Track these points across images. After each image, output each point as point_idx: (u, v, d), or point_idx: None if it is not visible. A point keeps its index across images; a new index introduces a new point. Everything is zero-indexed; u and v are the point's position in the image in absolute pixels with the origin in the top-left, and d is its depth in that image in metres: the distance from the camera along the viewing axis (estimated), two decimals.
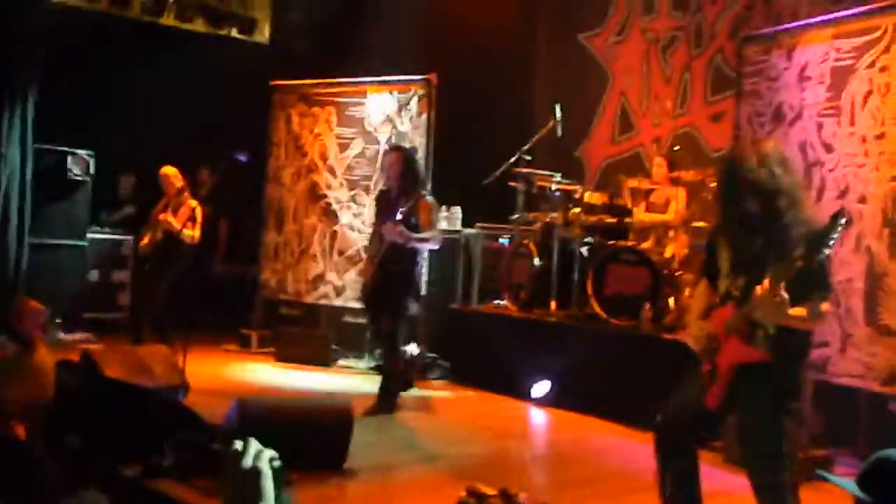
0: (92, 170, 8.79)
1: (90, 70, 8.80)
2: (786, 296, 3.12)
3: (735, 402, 3.43)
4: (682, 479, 3.63)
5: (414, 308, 6.35)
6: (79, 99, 8.70)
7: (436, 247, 6.40)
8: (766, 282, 3.13)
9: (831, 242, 3.06)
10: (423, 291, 6.48)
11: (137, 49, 9.17)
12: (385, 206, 6.21)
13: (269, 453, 1.69)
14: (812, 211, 3.40)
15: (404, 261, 6.08)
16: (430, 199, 6.25)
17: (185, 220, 7.13)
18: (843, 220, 3.06)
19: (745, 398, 3.41)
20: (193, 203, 7.25)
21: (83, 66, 8.74)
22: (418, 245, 6.12)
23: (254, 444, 1.70)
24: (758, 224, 3.31)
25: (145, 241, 7.57)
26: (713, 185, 6.75)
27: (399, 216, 5.91)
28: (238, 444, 1.68)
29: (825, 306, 3.28)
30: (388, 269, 6.05)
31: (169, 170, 7.60)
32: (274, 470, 1.68)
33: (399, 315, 6.14)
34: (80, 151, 8.70)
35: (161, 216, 7.35)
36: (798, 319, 3.23)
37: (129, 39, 9.17)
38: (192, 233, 7.24)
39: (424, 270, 6.41)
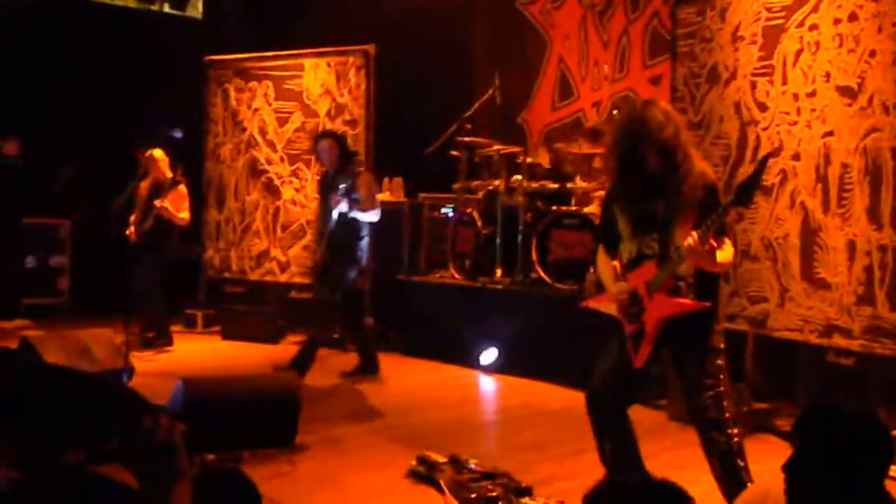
0: (24, 153, 8.60)
1: (17, 51, 8.55)
2: (714, 244, 3.26)
3: (661, 356, 3.54)
4: (621, 443, 3.70)
5: (353, 278, 6.47)
6: (6, 82, 8.45)
7: (376, 218, 6.52)
8: (695, 234, 3.24)
9: (754, 192, 3.25)
10: (365, 264, 6.55)
11: (67, 28, 8.94)
12: (327, 187, 6.46)
13: (181, 427, 1.67)
14: (703, 163, 3.54)
15: (350, 236, 6.32)
16: (368, 173, 6.57)
17: (179, 204, 7.41)
18: (763, 169, 3.26)
19: (678, 349, 3.52)
20: (184, 190, 7.47)
21: (9, 48, 8.49)
22: (361, 215, 6.30)
23: (165, 420, 1.67)
24: (659, 181, 3.43)
25: (132, 229, 7.50)
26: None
27: (341, 190, 6.17)
28: (148, 421, 1.64)
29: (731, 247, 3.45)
30: (336, 245, 6.29)
31: (159, 153, 7.53)
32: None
33: (338, 286, 6.38)
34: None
35: (157, 203, 7.32)
36: (724, 264, 3.40)
37: (58, 19, 8.92)
38: (185, 215, 7.55)
39: (366, 244, 6.49)
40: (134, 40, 9.12)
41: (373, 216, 6.43)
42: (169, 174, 7.57)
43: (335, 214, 6.25)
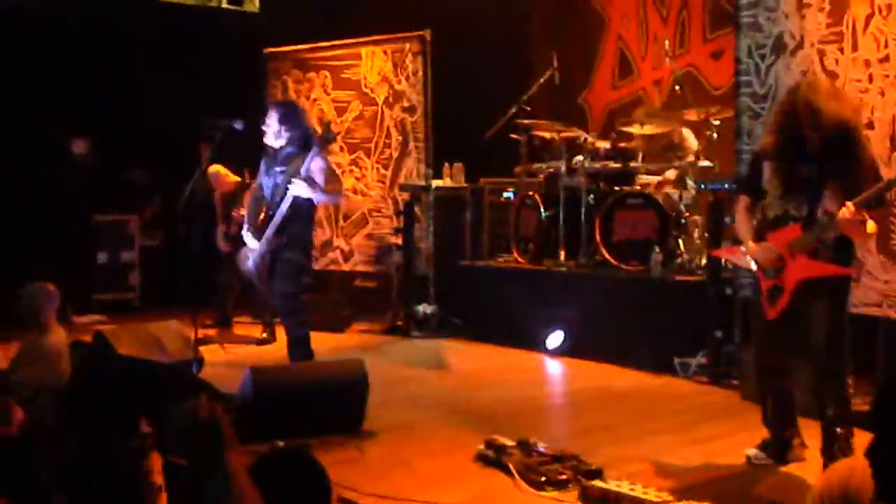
0: (92, 152, 8.79)
1: (82, 53, 8.72)
2: (867, 216, 3.55)
3: (795, 313, 3.81)
4: (782, 403, 4.09)
5: (307, 265, 5.84)
6: (72, 84, 8.63)
7: (341, 200, 6.30)
8: (851, 205, 3.50)
9: None
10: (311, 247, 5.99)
11: (128, 26, 9.08)
12: (276, 163, 5.60)
13: (220, 404, 1.69)
14: (867, 139, 3.98)
15: (300, 221, 5.54)
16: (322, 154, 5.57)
17: None
18: None
19: (812, 310, 3.76)
20: None
21: (74, 50, 8.67)
22: (326, 199, 5.69)
23: (205, 399, 1.69)
24: (817, 149, 3.68)
25: (224, 243, 7.76)
26: (715, 121, 6.69)
27: (304, 172, 5.35)
28: (190, 398, 1.66)
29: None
30: (288, 230, 5.46)
31: (216, 168, 7.70)
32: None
33: (297, 276, 5.61)
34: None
35: (237, 213, 7.50)
36: (871, 235, 3.73)
37: (119, 17, 9.08)
38: None
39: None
40: (194, 36, 9.24)
41: (339, 199, 6.04)
42: (235, 179, 7.73)
43: (288, 198, 5.37)
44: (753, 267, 3.98)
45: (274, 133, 5.56)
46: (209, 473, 1.63)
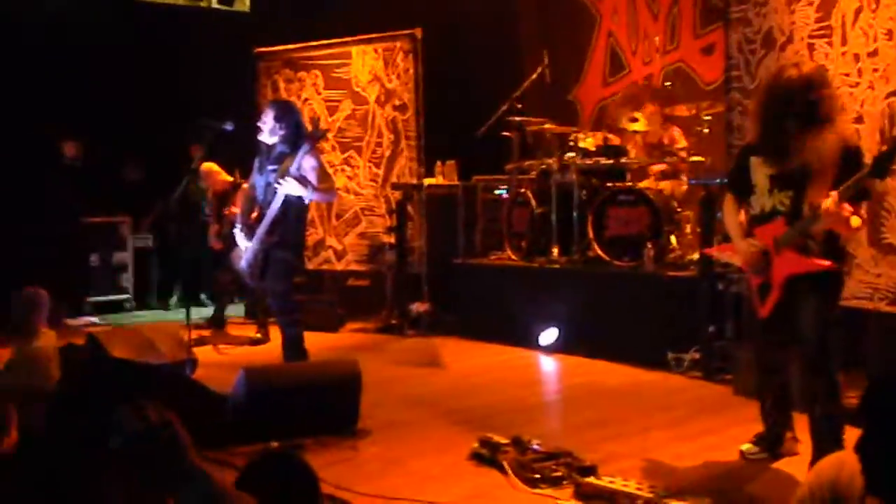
0: (83, 154, 8.77)
1: (72, 56, 8.70)
2: (850, 209, 3.46)
3: (786, 309, 3.77)
4: (780, 397, 4.09)
5: (299, 264, 5.91)
6: (63, 86, 8.61)
7: (334, 198, 6.61)
8: (833, 197, 3.41)
9: (890, 166, 3.37)
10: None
11: (118, 27, 9.06)
12: (269, 161, 5.62)
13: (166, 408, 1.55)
14: (844, 127, 3.79)
15: (292, 220, 5.57)
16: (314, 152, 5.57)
17: None
18: None
19: (801, 303, 3.71)
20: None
21: (65, 53, 8.65)
22: (318, 197, 5.71)
23: (151, 405, 1.53)
24: (796, 142, 3.60)
25: (216, 241, 7.81)
26: (707, 116, 6.72)
27: (295, 170, 5.38)
28: (134, 402, 1.52)
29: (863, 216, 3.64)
30: (280, 229, 5.50)
31: (209, 166, 7.75)
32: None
33: (288, 275, 5.68)
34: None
35: (228, 212, 7.55)
36: (855, 229, 3.59)
37: (109, 17, 9.06)
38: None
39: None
40: (184, 37, 9.23)
41: (332, 196, 6.19)
42: (227, 178, 7.75)
43: (279, 196, 5.41)
44: (741, 264, 3.97)
45: (269, 130, 5.62)
46: (180, 484, 1.53)
